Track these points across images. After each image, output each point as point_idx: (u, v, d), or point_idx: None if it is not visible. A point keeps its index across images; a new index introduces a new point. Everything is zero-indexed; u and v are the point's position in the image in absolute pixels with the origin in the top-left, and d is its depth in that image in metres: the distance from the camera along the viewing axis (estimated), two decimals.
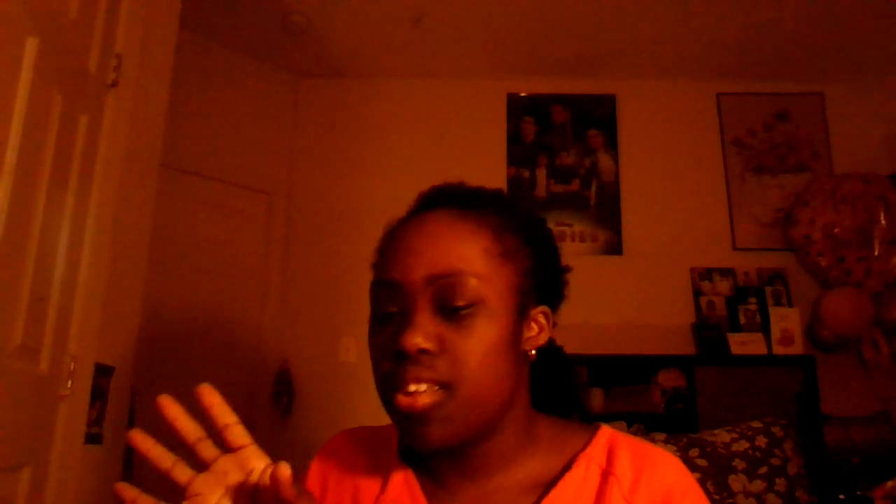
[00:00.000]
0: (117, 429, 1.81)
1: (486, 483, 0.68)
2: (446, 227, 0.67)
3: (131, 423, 2.11)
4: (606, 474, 0.67)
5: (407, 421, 0.62)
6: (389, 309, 0.65)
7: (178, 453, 0.63)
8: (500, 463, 0.68)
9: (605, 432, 0.71)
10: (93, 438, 1.65)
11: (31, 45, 1.31)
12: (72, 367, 1.56)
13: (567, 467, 0.68)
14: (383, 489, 0.71)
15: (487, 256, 0.66)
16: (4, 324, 1.28)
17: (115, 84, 1.73)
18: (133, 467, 2.32)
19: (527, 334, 0.69)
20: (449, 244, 0.65)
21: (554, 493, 0.66)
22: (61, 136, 1.46)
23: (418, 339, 0.61)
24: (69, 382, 1.55)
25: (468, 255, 0.65)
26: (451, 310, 0.63)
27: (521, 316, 0.67)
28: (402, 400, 0.61)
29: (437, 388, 0.61)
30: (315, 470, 0.77)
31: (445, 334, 0.62)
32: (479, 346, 0.63)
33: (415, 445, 0.63)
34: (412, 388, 0.61)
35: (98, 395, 1.66)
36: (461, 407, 0.62)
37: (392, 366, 0.63)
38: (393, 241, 0.69)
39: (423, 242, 0.66)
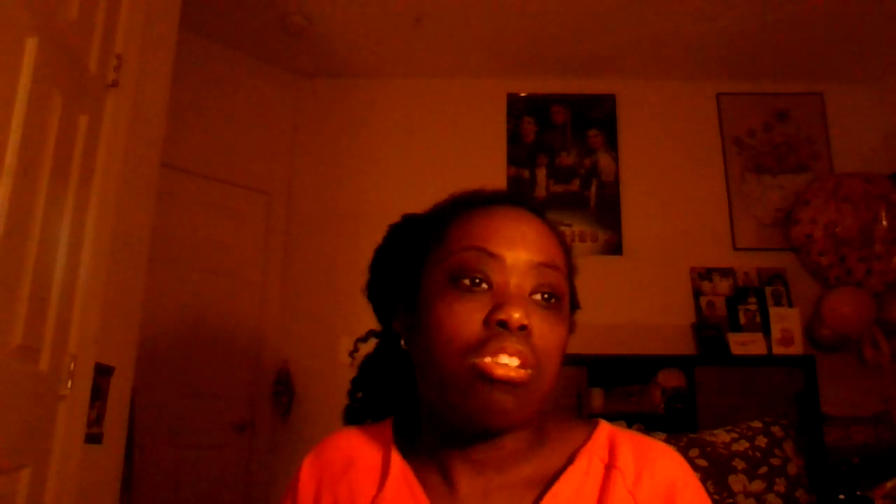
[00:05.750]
0: (117, 429, 1.81)
1: (494, 478, 0.68)
2: (538, 224, 0.71)
3: (131, 423, 2.11)
4: (609, 468, 0.68)
5: (490, 386, 0.61)
6: (483, 277, 0.65)
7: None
8: (512, 458, 0.68)
9: (605, 428, 0.72)
10: (93, 438, 1.64)
11: (31, 45, 1.32)
12: (72, 367, 1.56)
13: (569, 462, 0.69)
14: (381, 487, 0.70)
15: (565, 265, 0.72)
16: (4, 324, 1.28)
17: (115, 84, 1.73)
18: (133, 467, 2.32)
19: None
20: (547, 239, 0.70)
21: (557, 487, 0.67)
22: (61, 136, 1.46)
23: (522, 315, 0.62)
24: (69, 382, 1.55)
25: (558, 254, 0.70)
26: (544, 297, 0.66)
27: (569, 327, 0.71)
28: (496, 366, 0.61)
29: (526, 365, 0.63)
30: (307, 470, 0.75)
31: (536, 319, 0.65)
32: (560, 338, 0.67)
33: (487, 413, 0.62)
34: (505, 359, 0.62)
35: (98, 395, 1.66)
36: (539, 391, 0.64)
37: (484, 333, 0.63)
38: (490, 220, 0.69)
39: (529, 230, 0.69)
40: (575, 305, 0.75)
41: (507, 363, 0.61)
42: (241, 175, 3.23)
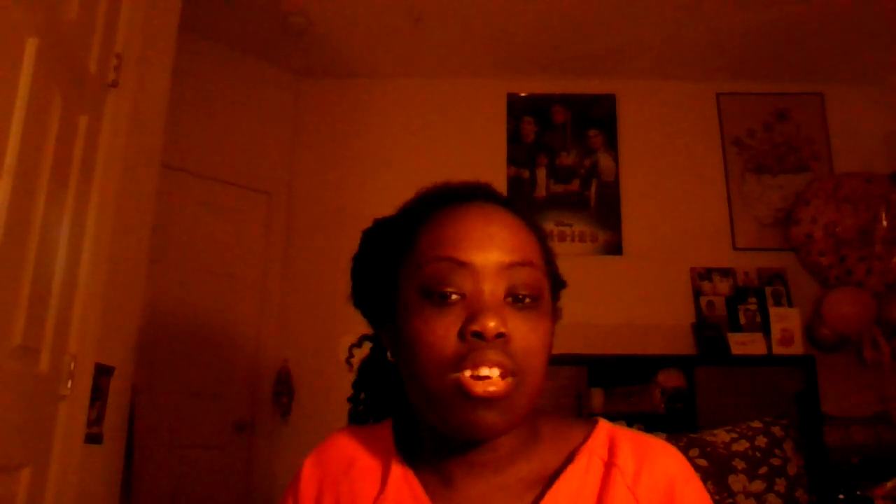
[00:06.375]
0: (117, 429, 1.81)
1: (493, 478, 0.68)
2: (508, 219, 0.68)
3: (131, 423, 2.11)
4: (609, 465, 0.68)
5: (472, 403, 0.61)
6: (455, 289, 0.64)
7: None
8: (508, 458, 0.68)
9: (605, 426, 0.72)
10: (93, 438, 1.64)
11: (31, 45, 1.31)
12: (72, 367, 1.56)
13: (569, 460, 0.69)
14: (382, 489, 0.70)
15: (542, 258, 0.70)
16: (4, 324, 1.28)
17: (115, 84, 1.72)
18: (133, 467, 2.32)
19: None
20: (518, 235, 0.68)
21: (557, 486, 0.67)
22: (61, 136, 1.46)
23: (497, 323, 0.61)
24: (69, 382, 1.55)
25: (532, 250, 0.68)
26: (519, 298, 0.64)
27: (553, 319, 0.70)
28: (475, 382, 0.61)
29: (507, 375, 0.62)
30: (308, 470, 0.75)
31: (513, 322, 0.63)
32: (542, 338, 0.65)
33: (471, 429, 0.62)
34: (485, 371, 0.61)
35: (98, 395, 1.66)
36: (524, 397, 0.63)
37: (461, 347, 0.62)
38: (457, 223, 0.67)
39: (498, 230, 0.66)
40: (559, 286, 0.74)
41: (487, 375, 0.61)
42: (241, 175, 3.23)
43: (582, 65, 3.41)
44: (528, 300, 0.65)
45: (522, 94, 3.52)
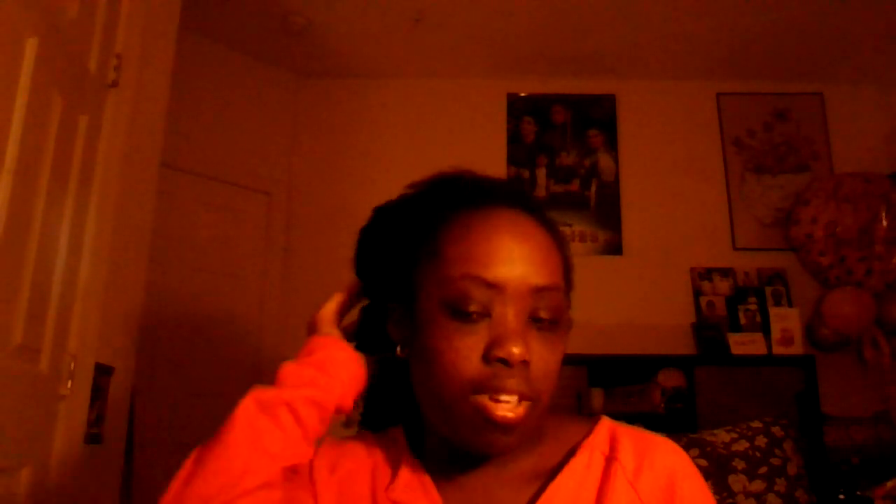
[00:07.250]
0: (117, 429, 1.81)
1: (497, 473, 0.70)
2: (538, 234, 0.67)
3: (131, 423, 2.12)
4: (610, 460, 0.69)
5: (490, 427, 0.62)
6: (480, 308, 0.63)
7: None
8: (512, 455, 0.69)
9: (606, 423, 0.73)
10: (93, 438, 1.64)
11: (31, 45, 1.31)
12: (72, 367, 1.56)
13: (570, 455, 0.70)
14: (393, 479, 0.72)
15: (564, 273, 0.69)
16: (4, 324, 1.28)
17: (115, 84, 1.72)
18: (133, 467, 2.32)
19: None
20: (547, 254, 0.67)
21: (559, 479, 0.68)
22: (61, 136, 1.46)
23: (522, 350, 0.61)
24: (69, 382, 1.55)
25: (558, 269, 0.68)
26: (540, 320, 0.65)
27: (567, 335, 0.70)
28: (496, 408, 0.61)
29: (524, 399, 0.62)
30: (325, 452, 0.76)
31: (534, 346, 0.63)
32: (558, 359, 0.66)
33: (485, 448, 0.63)
34: (506, 397, 0.62)
35: (98, 395, 1.66)
36: (535, 418, 0.64)
37: (484, 370, 0.62)
38: (488, 237, 0.66)
39: (525, 249, 0.65)
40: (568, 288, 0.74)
41: (507, 401, 0.62)
42: (241, 175, 3.23)
43: (582, 65, 3.40)
44: (548, 322, 0.65)
45: (522, 94, 3.52)
